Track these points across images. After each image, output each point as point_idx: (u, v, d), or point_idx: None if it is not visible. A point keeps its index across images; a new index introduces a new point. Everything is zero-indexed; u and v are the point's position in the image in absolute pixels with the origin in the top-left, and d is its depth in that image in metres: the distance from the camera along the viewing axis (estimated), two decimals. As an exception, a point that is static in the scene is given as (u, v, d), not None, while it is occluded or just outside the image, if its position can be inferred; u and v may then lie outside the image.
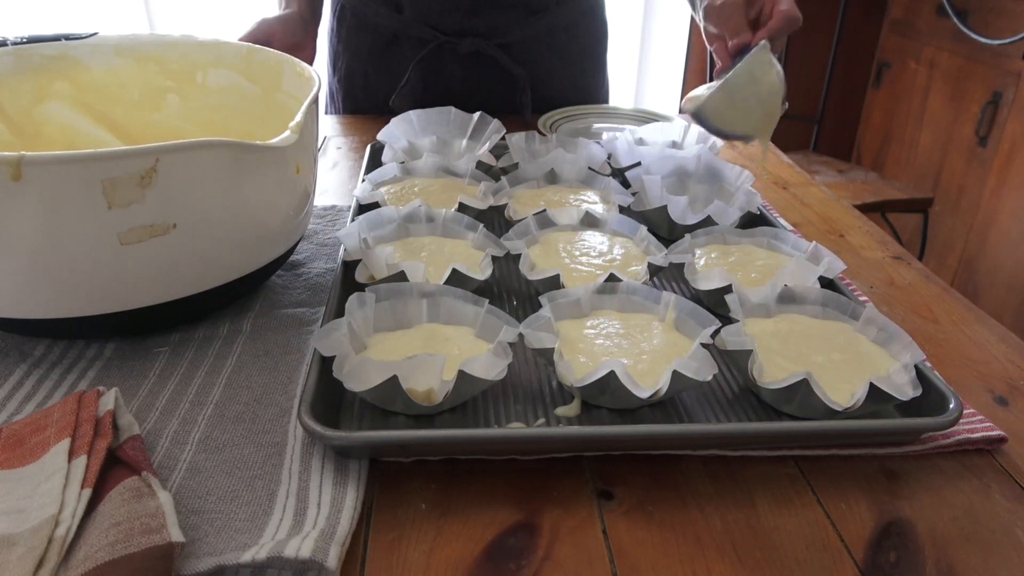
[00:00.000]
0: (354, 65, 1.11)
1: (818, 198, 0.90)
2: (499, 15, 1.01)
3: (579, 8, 1.10)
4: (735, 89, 0.77)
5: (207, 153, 0.48)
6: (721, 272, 0.60)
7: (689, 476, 0.45)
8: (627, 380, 0.45)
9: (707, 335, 0.51)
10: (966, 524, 0.42)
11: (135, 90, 0.73)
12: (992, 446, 0.48)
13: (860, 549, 0.40)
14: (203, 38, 0.73)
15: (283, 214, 0.57)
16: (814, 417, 0.47)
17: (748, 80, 0.77)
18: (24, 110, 0.68)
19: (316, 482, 0.42)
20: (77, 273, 0.48)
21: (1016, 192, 1.95)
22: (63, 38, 0.69)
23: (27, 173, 0.43)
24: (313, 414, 0.43)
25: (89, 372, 0.52)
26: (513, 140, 0.87)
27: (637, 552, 0.40)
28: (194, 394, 0.50)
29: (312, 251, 0.71)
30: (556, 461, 0.46)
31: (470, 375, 0.45)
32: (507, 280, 0.66)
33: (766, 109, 0.76)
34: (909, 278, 0.71)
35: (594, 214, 0.69)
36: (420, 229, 0.67)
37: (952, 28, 2.10)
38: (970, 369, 0.57)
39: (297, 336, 0.57)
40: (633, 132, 0.92)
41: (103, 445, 0.41)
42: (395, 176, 0.80)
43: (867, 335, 0.53)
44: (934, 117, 2.25)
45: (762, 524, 0.42)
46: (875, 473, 0.46)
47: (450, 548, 0.40)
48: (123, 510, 0.37)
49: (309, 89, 0.61)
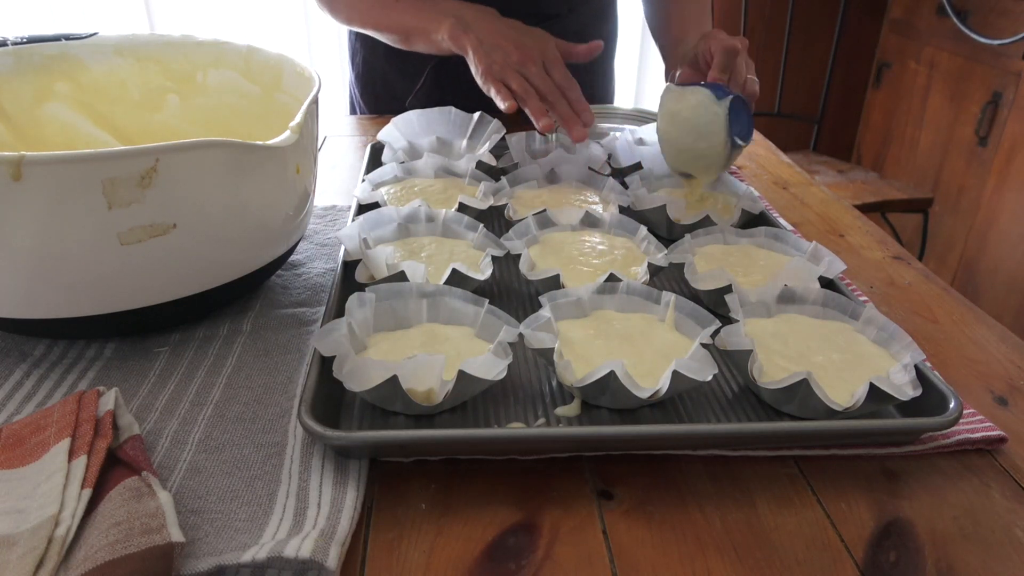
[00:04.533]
0: (372, 62, 1.12)
1: (818, 198, 0.90)
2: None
3: (591, 12, 1.10)
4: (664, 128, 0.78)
5: (207, 153, 0.48)
6: (721, 272, 0.60)
7: (689, 476, 0.45)
8: (627, 380, 0.45)
9: (707, 335, 0.51)
10: (966, 524, 0.42)
11: (135, 90, 0.73)
12: (992, 446, 0.48)
13: (860, 549, 0.40)
14: (203, 38, 0.73)
15: (283, 214, 0.57)
16: (814, 417, 0.47)
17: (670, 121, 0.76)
18: (24, 110, 0.68)
19: (316, 482, 0.42)
20: (77, 273, 0.48)
21: (1016, 192, 1.95)
22: (63, 38, 0.69)
23: (27, 173, 0.43)
24: (313, 414, 0.43)
25: (89, 372, 0.52)
26: (513, 140, 0.87)
27: (637, 552, 0.40)
28: (194, 394, 0.50)
29: (312, 251, 0.71)
30: (556, 461, 0.46)
31: (470, 375, 0.45)
32: (507, 280, 0.66)
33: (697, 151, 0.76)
34: (909, 278, 0.71)
35: (594, 214, 0.69)
36: (420, 229, 0.67)
37: (952, 28, 2.10)
38: (970, 369, 0.57)
39: (297, 336, 0.57)
40: (633, 132, 0.92)
41: (103, 445, 0.41)
42: (395, 176, 0.80)
43: (867, 335, 0.53)
44: (934, 117, 2.25)
45: (762, 524, 0.42)
46: (875, 473, 0.46)
47: (450, 548, 0.40)
48: (123, 510, 0.37)
49: (309, 89, 0.61)
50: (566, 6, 1.05)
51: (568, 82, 0.83)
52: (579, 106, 0.82)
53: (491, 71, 0.82)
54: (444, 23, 0.87)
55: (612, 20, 1.16)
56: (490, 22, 0.87)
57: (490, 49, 0.83)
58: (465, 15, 0.87)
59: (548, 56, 0.84)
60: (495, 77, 0.82)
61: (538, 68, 0.82)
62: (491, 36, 0.84)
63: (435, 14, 0.89)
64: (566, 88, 0.82)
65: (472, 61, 0.85)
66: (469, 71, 0.85)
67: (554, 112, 0.81)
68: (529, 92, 0.81)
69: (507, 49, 0.83)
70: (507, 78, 0.82)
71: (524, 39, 0.84)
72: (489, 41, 0.84)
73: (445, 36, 0.87)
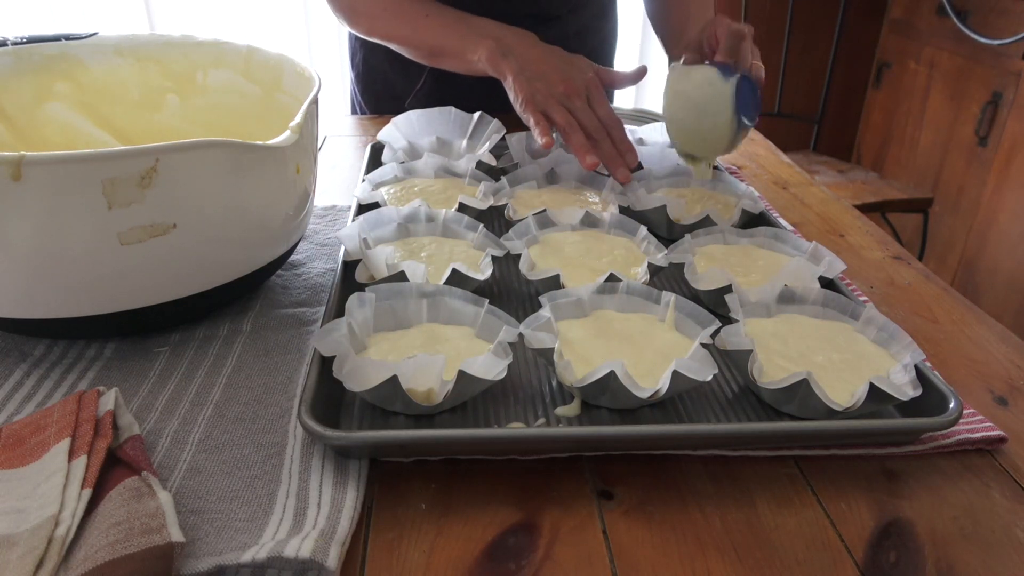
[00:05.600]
0: (372, 62, 1.11)
1: (818, 198, 0.90)
2: (511, 23, 1.01)
3: (590, 13, 1.09)
4: (669, 106, 0.77)
5: (207, 153, 0.48)
6: (721, 272, 0.60)
7: (689, 476, 0.45)
8: (627, 380, 0.45)
9: (707, 335, 0.51)
10: (966, 524, 0.42)
11: (135, 90, 0.73)
12: (992, 446, 0.48)
13: (860, 549, 0.40)
14: (203, 38, 0.73)
15: (283, 214, 0.57)
16: (814, 417, 0.47)
17: (676, 100, 0.76)
18: (24, 110, 0.68)
19: (316, 482, 0.42)
20: (77, 273, 0.48)
21: (1016, 192, 1.95)
22: (63, 38, 0.69)
23: (27, 173, 0.43)
24: (313, 414, 0.43)
25: (89, 372, 0.52)
26: (513, 140, 0.87)
27: (637, 552, 0.40)
28: (194, 394, 0.50)
29: (312, 251, 0.71)
30: (556, 461, 0.46)
31: (470, 375, 0.45)
32: (507, 280, 0.66)
33: (703, 130, 0.75)
34: (909, 278, 0.71)
35: (594, 214, 0.69)
36: (420, 229, 0.67)
37: (952, 28, 2.10)
38: (970, 369, 0.57)
39: (297, 336, 0.57)
40: (633, 132, 0.92)
41: (103, 445, 0.41)
42: (395, 176, 0.80)
43: (867, 335, 0.53)
44: (934, 117, 2.25)
45: (762, 524, 0.42)
46: (875, 473, 0.46)
47: (450, 548, 0.40)
48: (123, 510, 0.37)
49: (309, 89, 0.61)
50: (566, 7, 1.05)
51: (612, 120, 0.79)
52: (623, 146, 0.78)
53: (533, 100, 0.78)
54: (482, 45, 0.83)
55: (612, 20, 1.16)
56: (531, 47, 0.83)
57: (532, 78, 0.79)
58: (505, 38, 0.84)
59: (592, 89, 0.80)
60: (537, 108, 0.78)
61: (583, 103, 0.79)
62: (534, 64, 0.81)
63: (471, 35, 0.85)
64: (611, 127, 0.79)
65: (512, 88, 0.81)
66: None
67: (598, 151, 0.77)
68: (574, 127, 0.77)
69: (551, 80, 0.79)
70: (550, 110, 0.78)
71: (568, 69, 0.81)
72: (531, 69, 0.80)
73: (483, 59, 0.83)
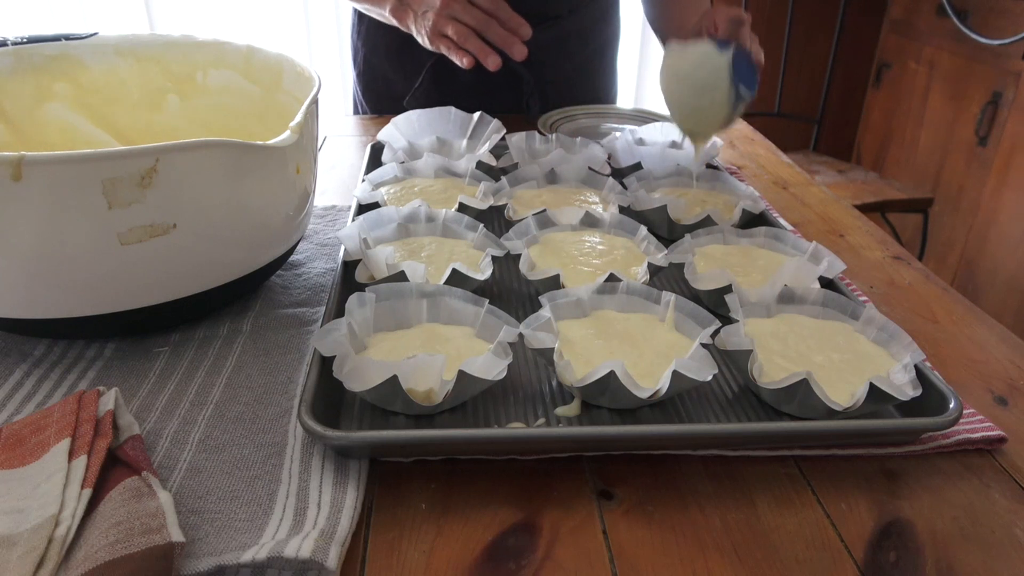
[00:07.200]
0: (373, 61, 1.12)
1: (818, 198, 0.90)
2: None
3: (591, 14, 1.09)
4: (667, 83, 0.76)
5: (207, 153, 0.48)
6: (721, 272, 0.60)
7: (689, 476, 0.45)
8: (627, 380, 0.45)
9: (707, 335, 0.51)
10: (966, 524, 0.42)
11: (135, 90, 0.73)
12: (992, 446, 0.48)
13: (860, 549, 0.40)
14: (203, 38, 0.73)
15: (283, 214, 0.57)
16: (814, 417, 0.47)
17: (673, 77, 0.75)
18: (24, 111, 0.68)
19: (316, 482, 0.42)
20: (77, 273, 0.48)
21: (1016, 192, 1.95)
22: (63, 38, 0.69)
23: (27, 173, 0.43)
24: (313, 414, 0.43)
25: (89, 372, 0.52)
26: (513, 140, 0.87)
27: (637, 552, 0.40)
28: (194, 394, 0.50)
29: (312, 251, 0.71)
30: (556, 461, 0.46)
31: (470, 375, 0.45)
32: (507, 280, 0.66)
33: (703, 105, 0.75)
34: (909, 278, 0.71)
35: (594, 214, 0.69)
36: (420, 229, 0.67)
37: (952, 28, 2.10)
38: (970, 369, 0.57)
39: (297, 336, 0.57)
40: (633, 132, 0.92)
41: (103, 445, 0.41)
42: (395, 176, 0.80)
43: (867, 335, 0.53)
44: (934, 117, 2.25)
45: (762, 524, 0.42)
46: (875, 473, 0.46)
47: (450, 548, 0.40)
48: (123, 510, 0.37)
49: (309, 89, 0.61)
50: (566, 7, 1.04)
51: (493, 3, 0.81)
52: (512, 23, 0.80)
53: (433, 32, 0.81)
54: (387, 4, 0.87)
55: (614, 22, 1.16)
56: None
57: (423, 13, 0.82)
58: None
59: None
60: (439, 37, 0.81)
61: (462, 4, 0.81)
62: (420, 2, 0.84)
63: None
64: (494, 10, 0.81)
65: (417, 34, 0.84)
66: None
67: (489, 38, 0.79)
68: (464, 33, 0.79)
69: (432, 3, 0.82)
70: (444, 30, 0.80)
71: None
72: (418, 7, 0.83)
73: (390, 16, 0.87)
